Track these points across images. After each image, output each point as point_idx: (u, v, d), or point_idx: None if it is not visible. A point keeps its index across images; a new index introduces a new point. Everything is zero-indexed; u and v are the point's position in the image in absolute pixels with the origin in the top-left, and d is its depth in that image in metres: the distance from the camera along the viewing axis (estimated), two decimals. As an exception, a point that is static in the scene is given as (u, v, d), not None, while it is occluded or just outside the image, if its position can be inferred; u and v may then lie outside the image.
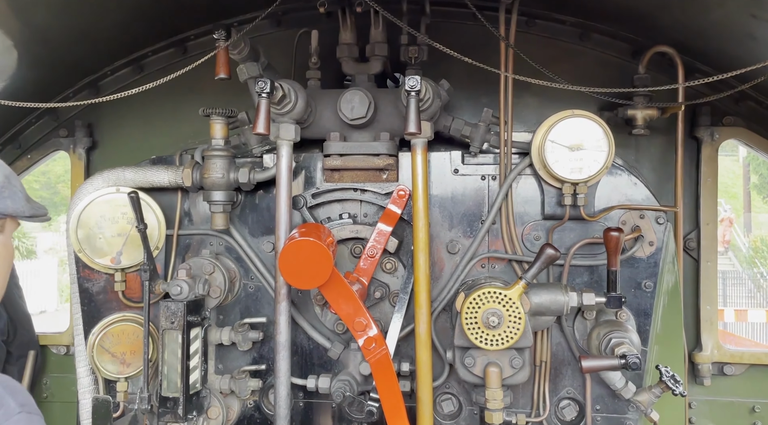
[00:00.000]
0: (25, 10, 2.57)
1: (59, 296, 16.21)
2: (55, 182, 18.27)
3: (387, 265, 2.70)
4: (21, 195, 1.48)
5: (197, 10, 3.13)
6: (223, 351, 2.74)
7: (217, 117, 2.69)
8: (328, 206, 2.79)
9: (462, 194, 2.72)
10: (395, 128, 2.69)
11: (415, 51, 2.76)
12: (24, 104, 2.53)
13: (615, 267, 2.39)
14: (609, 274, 2.42)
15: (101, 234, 2.63)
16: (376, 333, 2.35)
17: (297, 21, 3.17)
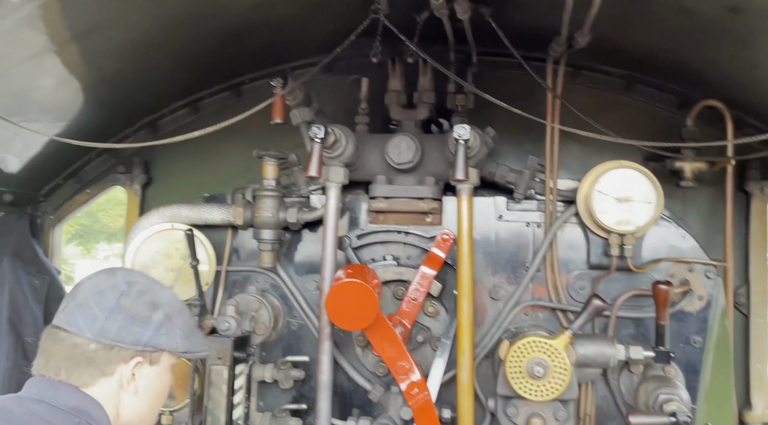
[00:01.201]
0: (95, 57, 2.75)
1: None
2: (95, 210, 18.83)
3: (429, 309, 2.71)
4: (179, 333, 1.59)
5: (253, 57, 3.29)
6: (265, 388, 2.76)
7: (270, 159, 2.80)
8: (372, 247, 2.83)
9: (506, 240, 2.74)
10: (440, 172, 2.75)
11: (461, 99, 2.84)
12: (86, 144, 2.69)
13: (664, 321, 2.36)
14: (657, 328, 2.38)
15: (155, 268, 2.73)
16: (418, 377, 2.36)
17: (347, 68, 3.29)
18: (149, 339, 1.53)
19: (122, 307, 1.50)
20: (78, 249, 15.79)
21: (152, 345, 1.54)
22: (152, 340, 1.53)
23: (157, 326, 1.54)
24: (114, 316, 1.48)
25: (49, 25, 2.34)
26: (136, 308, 1.52)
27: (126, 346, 1.50)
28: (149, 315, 1.53)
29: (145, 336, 1.52)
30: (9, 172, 3.08)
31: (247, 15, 2.66)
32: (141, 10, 2.47)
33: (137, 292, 1.54)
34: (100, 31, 2.55)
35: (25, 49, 2.43)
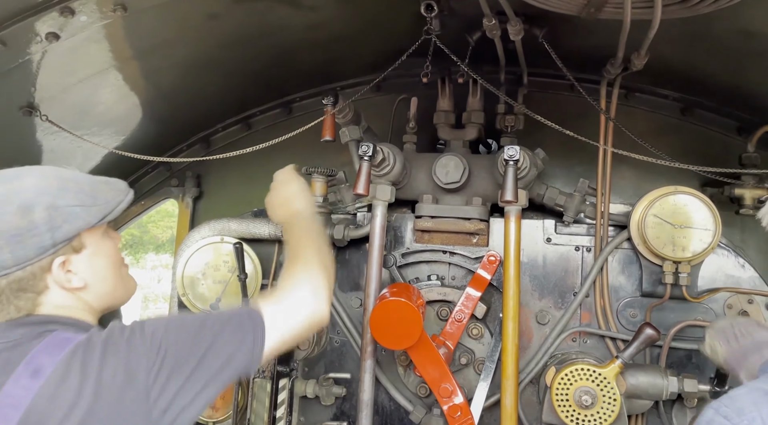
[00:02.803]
0: (154, 74, 2.86)
1: (140, 330, 16.90)
2: (145, 221, 19.41)
3: (474, 331, 2.67)
4: (78, 210, 1.40)
5: (303, 76, 3.36)
6: (306, 404, 2.77)
7: (318, 176, 2.83)
8: (417, 266, 2.82)
9: (554, 264, 2.68)
10: (488, 193, 2.72)
11: (511, 120, 2.82)
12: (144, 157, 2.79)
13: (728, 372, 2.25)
14: (719, 372, 2.27)
15: (204, 280, 2.79)
16: (461, 400, 2.32)
17: (395, 87, 3.32)
18: (52, 240, 1.36)
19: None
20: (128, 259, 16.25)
21: (59, 241, 1.37)
22: (55, 238, 1.36)
23: (48, 224, 1.35)
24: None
25: (113, 43, 2.46)
26: (9, 226, 1.33)
27: (36, 261, 1.36)
28: (30, 222, 1.33)
29: (45, 240, 1.35)
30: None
31: (300, 35, 2.73)
32: (199, 30, 2.57)
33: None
34: (160, 49, 2.66)
35: (90, 66, 2.55)
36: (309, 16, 2.52)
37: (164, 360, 1.29)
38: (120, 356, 1.29)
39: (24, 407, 1.23)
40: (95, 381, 1.25)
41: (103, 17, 2.17)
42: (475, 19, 2.38)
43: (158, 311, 14.20)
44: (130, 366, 1.28)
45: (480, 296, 2.59)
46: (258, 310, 1.46)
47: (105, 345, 1.30)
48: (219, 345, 1.35)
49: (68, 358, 1.28)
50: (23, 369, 1.27)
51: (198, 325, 1.38)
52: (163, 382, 1.28)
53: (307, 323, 1.54)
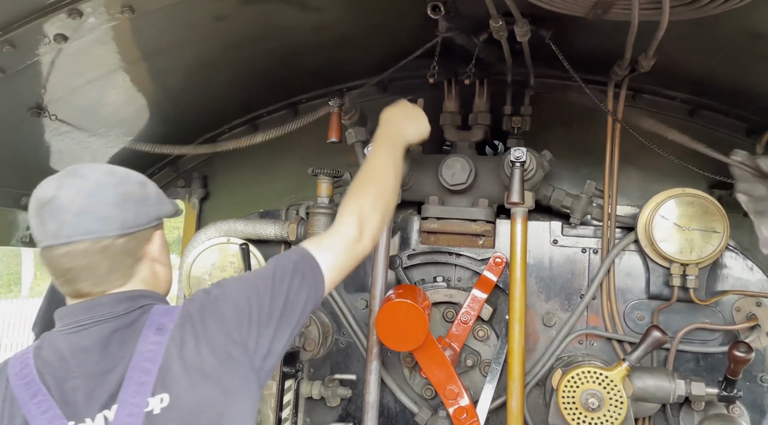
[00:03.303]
0: (161, 75, 2.87)
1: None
2: (153, 221, 19.36)
3: (479, 333, 2.67)
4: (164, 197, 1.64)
5: (310, 77, 3.36)
6: (312, 405, 2.77)
7: (324, 177, 2.84)
8: (422, 268, 2.82)
9: (560, 266, 2.67)
10: (494, 194, 2.72)
11: (518, 121, 2.81)
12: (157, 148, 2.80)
13: (736, 377, 2.23)
14: (727, 380, 2.25)
15: (210, 281, 2.79)
16: (467, 402, 2.31)
17: (402, 88, 3.32)
18: (157, 213, 1.58)
19: (126, 195, 1.50)
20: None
21: (160, 216, 1.60)
22: (159, 212, 1.59)
23: (156, 198, 1.60)
24: (126, 206, 1.49)
25: (120, 45, 2.47)
26: (135, 191, 1.54)
27: (145, 227, 1.54)
28: (146, 192, 1.57)
29: (153, 211, 1.57)
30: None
31: (306, 36, 2.73)
32: (206, 32, 2.57)
33: (123, 178, 1.54)
34: (167, 51, 2.67)
35: (98, 68, 2.56)
36: (315, 17, 2.52)
37: (249, 318, 1.51)
38: (216, 320, 1.49)
39: (160, 358, 1.41)
40: (206, 343, 1.45)
41: (110, 19, 2.18)
42: (481, 21, 2.37)
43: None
44: (226, 328, 1.48)
45: (486, 298, 2.58)
46: (314, 257, 1.66)
47: (202, 312, 1.50)
48: (293, 296, 1.58)
49: (180, 324, 1.47)
50: (147, 329, 1.45)
51: (270, 283, 1.58)
52: (254, 335, 1.50)
53: (355, 259, 1.78)
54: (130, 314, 1.47)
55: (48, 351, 1.45)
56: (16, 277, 17.60)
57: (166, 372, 1.40)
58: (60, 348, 1.43)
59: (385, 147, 2.08)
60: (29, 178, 3.01)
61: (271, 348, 1.54)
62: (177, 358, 1.43)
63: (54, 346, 1.44)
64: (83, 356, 1.41)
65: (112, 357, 1.41)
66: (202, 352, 1.44)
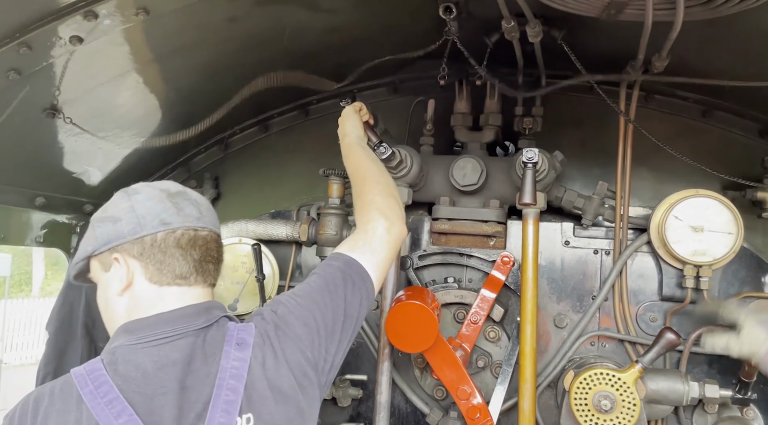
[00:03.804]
0: (173, 77, 2.89)
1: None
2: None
3: (491, 334, 2.66)
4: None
5: (321, 78, 3.37)
6: (323, 405, 2.73)
7: (336, 177, 2.84)
8: (433, 268, 2.82)
9: (572, 267, 2.67)
10: (505, 195, 2.72)
11: (529, 122, 2.81)
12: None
13: (751, 380, 2.22)
14: (742, 382, 2.24)
15: (222, 281, 2.81)
16: (480, 402, 2.31)
17: (412, 89, 3.33)
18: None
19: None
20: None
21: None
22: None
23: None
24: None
25: (134, 47, 2.48)
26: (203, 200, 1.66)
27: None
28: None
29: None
30: (90, 184, 3.26)
31: (318, 37, 2.74)
32: (219, 33, 2.59)
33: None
34: (180, 53, 2.69)
35: (111, 69, 2.58)
36: (327, 19, 2.53)
37: (318, 333, 1.53)
38: (291, 339, 1.50)
39: (245, 376, 1.38)
40: (286, 362, 1.46)
41: (125, 21, 2.20)
42: (493, 21, 2.37)
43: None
44: (301, 347, 1.50)
45: (495, 297, 2.58)
46: (355, 260, 1.68)
47: (277, 331, 1.50)
48: (349, 305, 1.61)
49: (260, 342, 1.46)
50: (228, 344, 1.42)
51: (327, 295, 1.60)
52: (323, 353, 1.54)
53: (393, 248, 1.78)
54: (210, 328, 1.45)
55: (126, 366, 1.35)
56: (27, 277, 17.75)
57: (251, 391, 1.37)
58: (142, 363, 1.35)
59: (351, 148, 2.20)
60: (43, 179, 3.06)
61: (334, 361, 1.58)
62: (261, 377, 1.40)
63: (132, 361, 1.36)
64: (170, 371, 1.34)
65: (197, 373, 1.36)
66: (281, 372, 1.44)
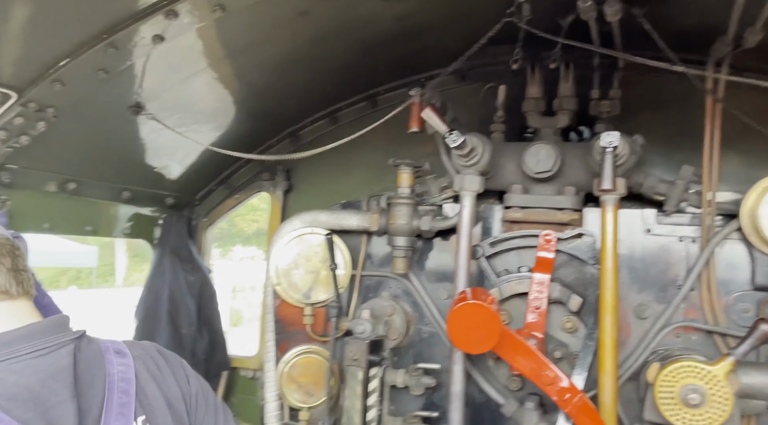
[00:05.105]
0: (247, 72, 2.97)
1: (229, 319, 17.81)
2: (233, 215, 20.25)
3: (567, 324, 2.59)
4: None
5: (389, 68, 3.37)
6: (396, 393, 2.80)
7: (405, 167, 2.84)
8: (505, 256, 2.76)
9: (655, 256, 2.55)
10: (581, 182, 2.63)
11: (607, 105, 2.70)
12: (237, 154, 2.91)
13: None
14: None
15: (296, 271, 2.88)
16: (567, 382, 2.24)
17: (481, 76, 3.27)
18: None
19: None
20: (217, 251, 17.11)
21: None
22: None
23: None
24: None
25: (211, 43, 2.57)
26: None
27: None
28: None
29: None
30: (171, 178, 3.42)
31: (387, 26, 2.74)
32: (290, 27, 2.64)
33: None
34: (253, 48, 2.76)
35: (190, 66, 2.68)
36: (397, 6, 2.53)
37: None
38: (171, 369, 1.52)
39: (133, 379, 1.37)
40: (171, 375, 1.47)
41: (203, 18, 2.28)
42: (566, 2, 2.29)
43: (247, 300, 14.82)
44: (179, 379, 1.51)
45: (550, 278, 2.50)
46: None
47: (159, 354, 1.52)
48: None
49: (139, 356, 1.45)
50: (107, 353, 1.40)
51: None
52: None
53: None
54: (82, 339, 1.38)
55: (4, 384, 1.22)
56: (111, 268, 18.88)
57: (141, 395, 1.37)
58: (24, 375, 1.24)
59: None
60: (128, 174, 3.23)
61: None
62: (149, 380, 1.40)
63: (6, 379, 1.23)
64: (60, 379, 1.27)
65: (83, 379, 1.30)
66: (168, 381, 1.45)
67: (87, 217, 3.06)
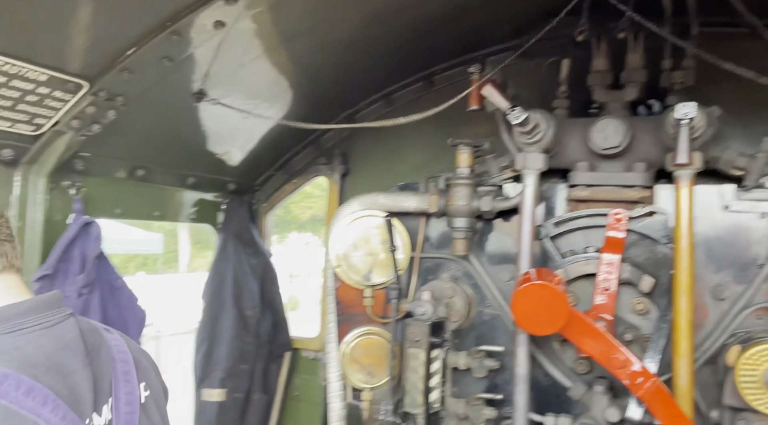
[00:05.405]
0: (303, 56, 2.98)
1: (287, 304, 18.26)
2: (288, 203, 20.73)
3: (638, 306, 2.49)
4: None
5: (445, 46, 3.31)
6: (458, 375, 2.77)
7: (464, 147, 2.79)
8: (571, 237, 2.68)
9: (733, 234, 2.41)
10: (652, 157, 2.51)
11: (680, 76, 2.56)
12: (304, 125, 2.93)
13: None
14: None
15: (356, 253, 2.89)
16: (639, 366, 2.17)
17: (541, 51, 3.14)
18: None
19: None
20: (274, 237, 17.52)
21: None
22: None
23: None
24: None
25: (268, 28, 2.59)
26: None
27: None
28: None
29: None
30: (232, 164, 3.49)
31: (442, 2, 2.68)
32: (345, 9, 2.62)
33: None
34: (309, 31, 2.76)
35: (249, 52, 2.71)
36: (454, -19, 2.47)
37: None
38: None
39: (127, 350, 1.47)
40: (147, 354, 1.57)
41: (261, 2, 2.29)
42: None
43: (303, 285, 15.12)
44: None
45: (620, 258, 2.40)
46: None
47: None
48: None
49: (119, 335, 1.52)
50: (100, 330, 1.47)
51: None
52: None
53: None
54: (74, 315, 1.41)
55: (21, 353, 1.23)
56: (174, 255, 19.66)
57: (137, 363, 1.45)
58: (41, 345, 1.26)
59: None
60: (193, 160, 3.31)
61: None
62: (138, 351, 1.51)
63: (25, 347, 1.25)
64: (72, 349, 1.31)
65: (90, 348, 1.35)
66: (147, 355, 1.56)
67: (155, 202, 3.17)
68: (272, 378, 3.51)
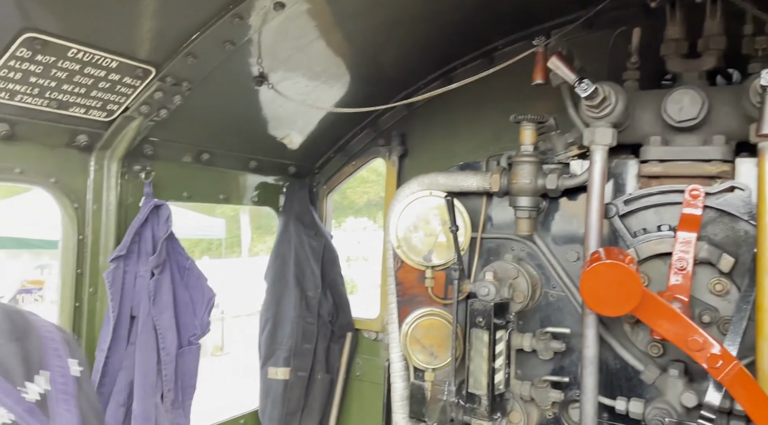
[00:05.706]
0: (361, 35, 2.96)
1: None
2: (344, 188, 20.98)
3: (717, 286, 2.36)
4: None
5: (506, 20, 3.21)
6: (523, 357, 2.72)
7: (528, 123, 2.70)
8: (642, 215, 2.55)
9: (824, 209, 2.22)
10: (732, 130, 2.35)
11: (763, 42, 2.37)
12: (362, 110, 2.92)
13: None
14: None
15: (416, 234, 2.86)
16: (719, 349, 2.05)
17: (609, 21, 3.02)
18: None
19: None
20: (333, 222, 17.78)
21: None
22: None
23: None
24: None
25: (325, 8, 2.58)
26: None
27: None
28: None
29: None
30: (292, 148, 3.53)
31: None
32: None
33: None
34: (367, 10, 2.73)
35: (307, 34, 2.71)
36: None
37: None
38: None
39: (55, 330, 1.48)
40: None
41: (320, -19, 2.28)
42: None
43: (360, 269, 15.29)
44: None
45: (696, 237, 2.26)
46: None
47: None
48: None
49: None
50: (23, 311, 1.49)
51: None
52: None
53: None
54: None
55: None
56: (237, 240, 20.28)
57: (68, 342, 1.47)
58: None
59: None
60: (254, 144, 3.37)
61: None
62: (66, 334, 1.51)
63: None
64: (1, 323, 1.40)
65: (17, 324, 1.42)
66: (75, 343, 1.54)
67: (219, 186, 3.25)
68: (335, 358, 3.56)
